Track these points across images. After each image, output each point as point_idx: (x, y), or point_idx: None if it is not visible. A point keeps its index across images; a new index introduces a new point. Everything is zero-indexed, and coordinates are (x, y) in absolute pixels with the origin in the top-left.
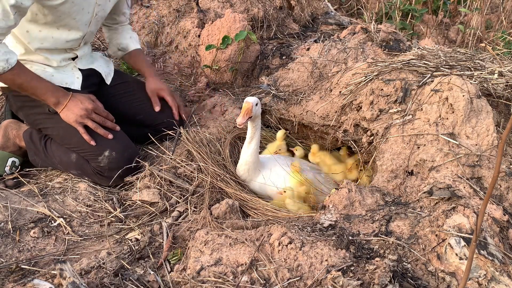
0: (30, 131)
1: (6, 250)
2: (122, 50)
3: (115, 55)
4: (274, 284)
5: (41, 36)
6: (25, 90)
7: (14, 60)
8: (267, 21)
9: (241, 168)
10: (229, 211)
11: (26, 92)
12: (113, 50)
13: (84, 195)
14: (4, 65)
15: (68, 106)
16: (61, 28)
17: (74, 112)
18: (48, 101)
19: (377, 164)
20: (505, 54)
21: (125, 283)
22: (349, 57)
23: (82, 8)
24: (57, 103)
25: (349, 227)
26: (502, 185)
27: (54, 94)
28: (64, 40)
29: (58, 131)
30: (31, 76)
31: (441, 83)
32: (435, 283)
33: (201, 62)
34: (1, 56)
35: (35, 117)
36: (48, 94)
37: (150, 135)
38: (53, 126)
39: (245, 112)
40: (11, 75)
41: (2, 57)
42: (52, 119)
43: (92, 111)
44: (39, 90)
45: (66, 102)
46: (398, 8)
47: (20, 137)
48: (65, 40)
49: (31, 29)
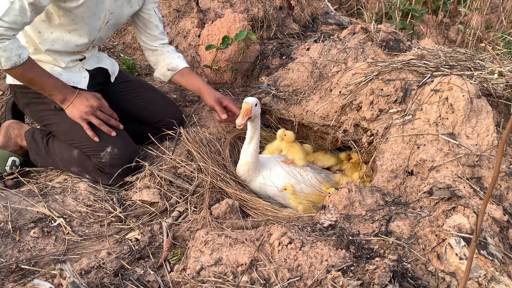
0: (32, 130)
1: (6, 250)
2: (172, 69)
3: (164, 78)
4: (274, 284)
5: (52, 38)
6: (34, 85)
7: (26, 55)
8: (267, 21)
9: (241, 169)
10: (229, 211)
11: (35, 88)
12: (161, 71)
13: (84, 195)
14: (16, 60)
15: (74, 103)
16: (72, 32)
17: (79, 109)
18: (55, 97)
19: (377, 164)
20: (505, 54)
21: (125, 283)
22: (349, 57)
23: (94, 13)
24: (63, 99)
25: (349, 227)
26: (502, 185)
27: (62, 91)
28: (74, 44)
29: (62, 127)
30: (41, 72)
31: (441, 83)
32: (435, 283)
33: (201, 62)
34: (14, 51)
35: (41, 113)
36: (56, 91)
37: (150, 135)
38: (58, 122)
39: (244, 112)
40: (22, 69)
41: (15, 51)
42: (58, 115)
43: (97, 109)
44: (47, 86)
45: (72, 99)
46: (398, 8)
47: (22, 137)
48: (74, 44)
49: (43, 29)
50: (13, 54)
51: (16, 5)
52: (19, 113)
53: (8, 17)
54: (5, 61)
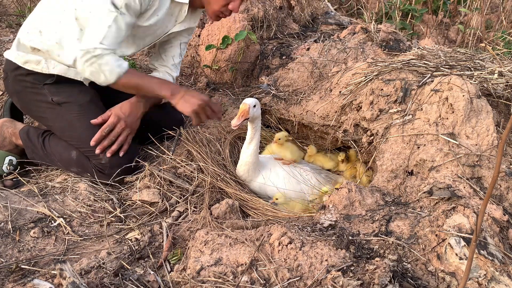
0: (26, 128)
1: (6, 250)
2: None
3: None
4: (274, 284)
5: None
6: (140, 89)
7: (126, 64)
8: (267, 21)
9: (241, 169)
10: (229, 211)
11: (141, 91)
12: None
13: (84, 195)
14: (119, 70)
15: (185, 97)
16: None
17: (192, 102)
18: (164, 93)
19: (377, 164)
20: (505, 54)
21: (125, 283)
22: (349, 57)
23: (155, 32)
24: (172, 94)
25: (349, 227)
26: (502, 185)
27: (168, 86)
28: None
29: (60, 123)
30: (140, 75)
31: (441, 83)
32: (435, 283)
33: (201, 62)
34: (116, 62)
35: (35, 104)
36: (163, 87)
37: (150, 135)
38: (55, 117)
39: (241, 113)
40: (126, 78)
41: (116, 63)
42: (54, 110)
43: (207, 104)
44: (154, 85)
45: (181, 93)
46: (398, 8)
47: (17, 135)
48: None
49: None
50: (115, 65)
51: (113, 28)
52: (18, 113)
53: (107, 40)
54: (110, 73)
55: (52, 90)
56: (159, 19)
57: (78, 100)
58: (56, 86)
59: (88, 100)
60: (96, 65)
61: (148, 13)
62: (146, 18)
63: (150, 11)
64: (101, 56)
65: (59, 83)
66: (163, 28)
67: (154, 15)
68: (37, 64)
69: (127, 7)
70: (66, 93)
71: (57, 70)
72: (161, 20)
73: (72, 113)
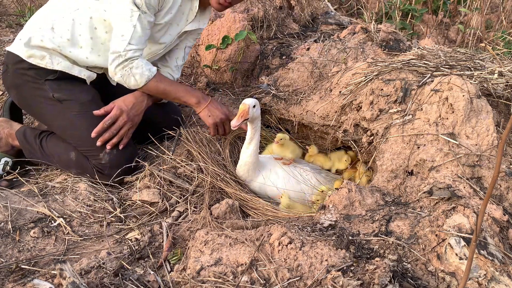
0: (23, 129)
1: (6, 250)
2: None
3: None
4: (274, 284)
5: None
6: (167, 93)
7: (154, 68)
8: (267, 21)
9: (241, 169)
10: (229, 211)
11: (169, 96)
12: None
13: (84, 195)
14: (149, 74)
15: (209, 108)
16: None
17: (215, 114)
18: (190, 101)
19: (377, 164)
20: (505, 54)
21: (125, 283)
22: (349, 57)
23: (167, 31)
24: (198, 102)
25: (349, 227)
26: (502, 185)
27: (194, 94)
28: None
29: (60, 121)
30: (168, 80)
31: (441, 83)
32: (435, 283)
33: (201, 62)
34: (145, 67)
35: (35, 99)
36: (190, 94)
37: (150, 135)
38: (55, 114)
39: (240, 114)
40: (155, 82)
41: (146, 67)
42: (55, 107)
43: (227, 119)
44: (181, 91)
45: (207, 103)
46: (398, 8)
47: (13, 136)
48: None
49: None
50: (145, 69)
51: (138, 28)
52: (18, 113)
53: (135, 40)
54: (140, 77)
55: (53, 86)
56: (172, 17)
57: (79, 99)
58: (57, 82)
59: (89, 99)
60: (127, 69)
61: (163, 11)
62: (162, 16)
63: (164, 9)
64: (132, 60)
65: (60, 80)
66: (175, 28)
67: (168, 13)
68: (41, 59)
69: (148, 5)
70: (67, 91)
71: (61, 66)
72: (174, 18)
73: (73, 111)
